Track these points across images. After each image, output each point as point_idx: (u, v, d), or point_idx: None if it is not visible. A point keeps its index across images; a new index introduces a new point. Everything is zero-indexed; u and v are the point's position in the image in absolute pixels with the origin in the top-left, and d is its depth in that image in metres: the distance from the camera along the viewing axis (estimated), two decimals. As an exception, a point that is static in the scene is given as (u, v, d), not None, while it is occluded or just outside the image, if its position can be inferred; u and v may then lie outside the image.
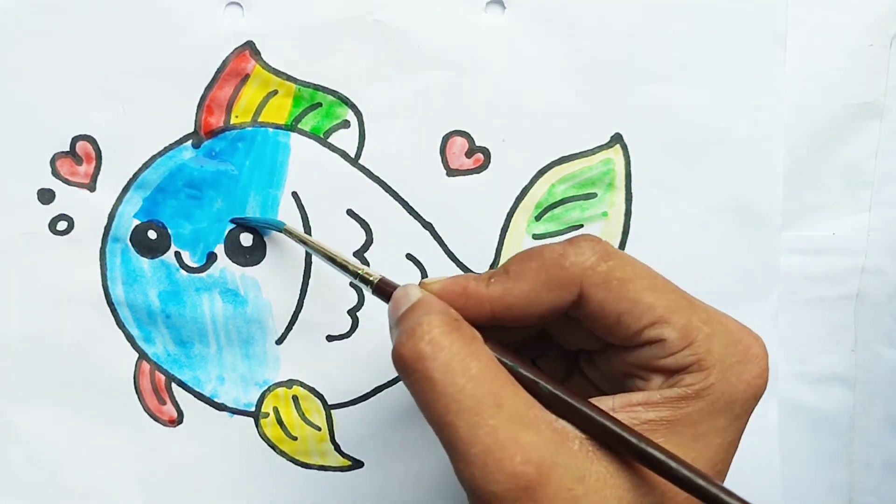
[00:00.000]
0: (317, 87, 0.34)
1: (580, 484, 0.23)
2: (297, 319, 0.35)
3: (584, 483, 0.24)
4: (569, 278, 0.26)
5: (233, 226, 0.35)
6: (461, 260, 0.35)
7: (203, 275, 0.35)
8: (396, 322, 0.26)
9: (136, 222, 0.35)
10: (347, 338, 0.36)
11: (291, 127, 0.35)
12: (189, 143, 0.35)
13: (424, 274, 0.35)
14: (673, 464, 0.23)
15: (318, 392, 0.36)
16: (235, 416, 0.36)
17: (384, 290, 0.28)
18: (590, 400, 0.25)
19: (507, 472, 0.23)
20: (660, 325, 0.25)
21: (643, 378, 0.26)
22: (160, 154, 0.35)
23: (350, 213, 0.35)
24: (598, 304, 0.26)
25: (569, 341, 0.29)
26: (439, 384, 0.24)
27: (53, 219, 0.35)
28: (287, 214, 0.35)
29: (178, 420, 0.36)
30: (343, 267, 0.30)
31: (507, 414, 0.23)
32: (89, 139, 0.34)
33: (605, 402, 0.25)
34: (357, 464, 0.36)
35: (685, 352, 0.25)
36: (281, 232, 0.33)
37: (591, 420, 0.24)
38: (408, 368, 0.24)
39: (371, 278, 0.29)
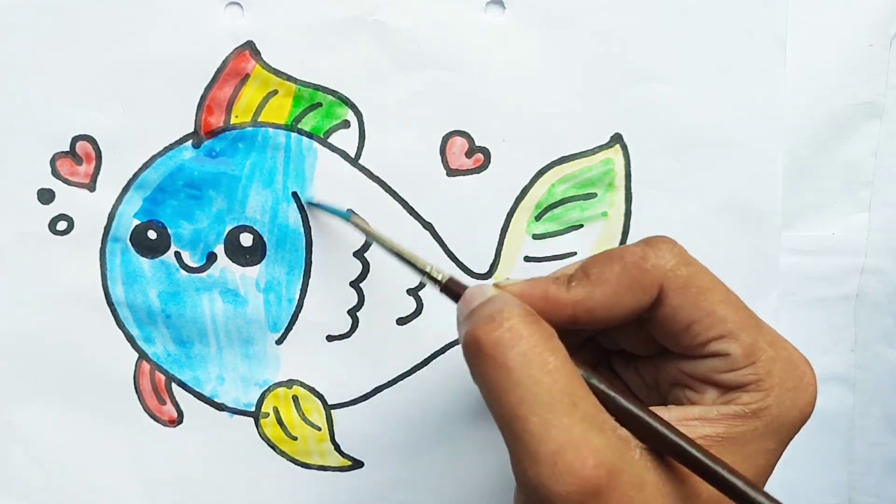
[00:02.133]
0: (317, 87, 0.34)
1: (640, 492, 0.23)
2: (297, 319, 0.35)
3: (644, 491, 0.23)
4: (650, 280, 0.25)
5: (233, 226, 0.35)
6: (461, 260, 0.35)
7: (203, 275, 0.35)
8: (469, 314, 0.25)
9: (136, 222, 0.35)
10: (347, 338, 0.36)
11: (291, 127, 0.35)
12: (189, 143, 0.35)
13: (424, 274, 0.35)
14: (742, 485, 0.23)
15: (318, 392, 0.36)
16: (235, 416, 0.36)
17: (452, 290, 0.27)
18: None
19: (578, 474, 0.22)
20: (727, 340, 0.25)
21: (696, 390, 0.26)
22: (160, 154, 0.35)
23: (350, 212, 0.35)
24: (672, 308, 0.25)
25: (617, 343, 0.29)
26: (515, 373, 0.23)
27: (53, 219, 0.35)
28: (287, 214, 0.35)
29: (178, 420, 0.36)
30: (410, 263, 0.29)
31: (581, 414, 0.23)
32: (89, 139, 0.34)
33: (661, 414, 0.25)
34: (357, 464, 0.36)
35: (747, 370, 0.25)
36: (348, 221, 0.33)
37: (660, 435, 0.24)
38: (483, 353, 0.24)
39: (439, 277, 0.28)
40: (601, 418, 0.24)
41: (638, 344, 0.28)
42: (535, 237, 0.35)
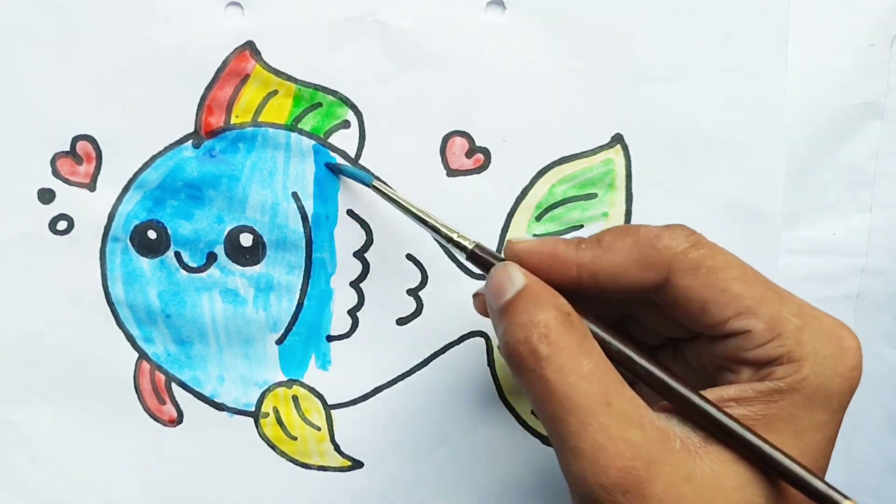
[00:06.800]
0: (317, 87, 0.34)
1: (687, 482, 0.23)
2: (297, 319, 0.35)
3: (692, 481, 0.24)
4: (659, 260, 0.26)
5: (233, 226, 0.35)
6: (461, 260, 0.35)
7: (203, 275, 0.35)
8: (502, 309, 0.26)
9: (136, 222, 0.35)
10: (347, 338, 0.36)
11: (291, 127, 0.35)
12: (189, 143, 0.35)
13: (425, 274, 0.35)
14: (784, 460, 0.23)
15: (317, 392, 0.36)
16: (235, 416, 0.36)
17: (479, 258, 0.29)
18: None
19: (617, 466, 0.23)
20: (746, 316, 0.25)
21: (732, 371, 0.26)
22: (160, 154, 0.35)
23: (350, 213, 0.35)
24: (683, 289, 0.26)
25: (655, 329, 0.29)
26: (552, 383, 0.24)
27: (53, 219, 0.35)
28: (287, 214, 0.35)
29: (178, 420, 0.36)
30: (434, 229, 0.30)
31: (616, 412, 0.24)
32: (89, 139, 0.34)
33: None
34: (357, 464, 0.36)
35: (773, 343, 0.25)
36: (369, 186, 0.33)
37: (700, 410, 0.24)
38: (523, 366, 0.25)
39: (466, 244, 0.29)
40: (638, 413, 0.24)
41: (669, 327, 0.28)
42: (536, 238, 0.35)
